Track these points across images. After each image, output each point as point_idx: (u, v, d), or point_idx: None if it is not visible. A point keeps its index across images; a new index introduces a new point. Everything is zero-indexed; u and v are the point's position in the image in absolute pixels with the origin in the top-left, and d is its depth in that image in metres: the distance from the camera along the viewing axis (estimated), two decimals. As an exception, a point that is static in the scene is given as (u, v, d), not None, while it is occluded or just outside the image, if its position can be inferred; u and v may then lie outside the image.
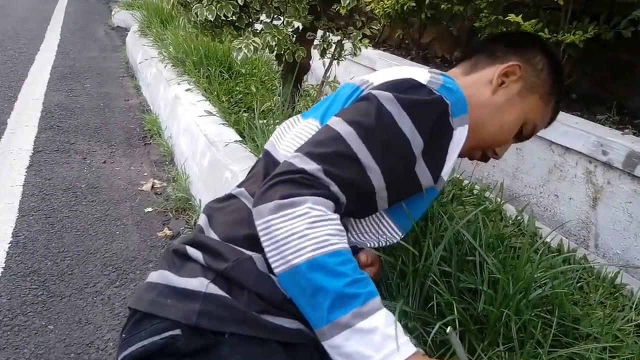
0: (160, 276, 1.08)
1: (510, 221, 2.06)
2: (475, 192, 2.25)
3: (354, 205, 1.03)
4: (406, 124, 1.02)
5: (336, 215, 0.96)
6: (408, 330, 1.35)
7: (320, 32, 2.75)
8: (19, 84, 4.67)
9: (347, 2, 2.32)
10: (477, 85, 1.24)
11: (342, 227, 0.97)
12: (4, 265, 2.22)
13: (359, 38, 2.62)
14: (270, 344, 1.02)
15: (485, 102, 1.22)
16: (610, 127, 2.45)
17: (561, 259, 1.79)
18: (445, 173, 1.12)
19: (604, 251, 2.24)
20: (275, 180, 0.97)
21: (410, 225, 1.28)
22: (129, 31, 6.54)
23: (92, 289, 2.13)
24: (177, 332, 0.99)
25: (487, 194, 2.26)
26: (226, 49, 3.60)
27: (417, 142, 1.03)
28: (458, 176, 2.36)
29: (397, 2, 3.48)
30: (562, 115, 2.49)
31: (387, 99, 1.03)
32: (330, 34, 2.71)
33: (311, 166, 0.97)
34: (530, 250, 1.72)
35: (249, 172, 1.29)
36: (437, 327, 1.27)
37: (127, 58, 5.99)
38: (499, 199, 2.16)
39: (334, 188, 0.97)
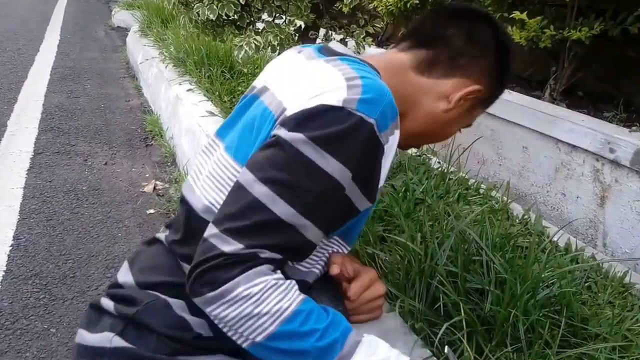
0: (78, 335, 1.10)
1: (517, 220, 2.04)
2: (481, 191, 2.23)
3: (293, 257, 0.97)
4: (330, 165, 0.89)
5: (275, 276, 0.90)
6: (415, 331, 1.33)
7: (322, 31, 2.73)
8: (18, 85, 4.65)
9: (349, 0, 2.30)
10: (431, 95, 1.13)
11: (285, 282, 0.91)
12: (5, 268, 2.20)
13: (362, 36, 2.60)
14: None
15: (435, 117, 1.14)
16: (617, 124, 2.42)
17: (569, 258, 1.77)
18: (381, 183, 1.02)
19: (613, 250, 2.21)
20: (198, 271, 0.89)
21: (356, 238, 1.25)
22: (129, 31, 6.52)
23: (94, 292, 2.11)
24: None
25: (493, 193, 2.24)
26: (227, 49, 3.58)
27: (346, 177, 0.92)
28: (464, 175, 2.33)
29: None
30: (568, 112, 2.47)
31: (303, 143, 0.89)
32: (333, 33, 2.68)
33: (232, 247, 0.87)
34: (537, 250, 1.70)
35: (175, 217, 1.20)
36: (444, 328, 1.25)
37: (127, 58, 5.98)
38: (505, 198, 2.14)
39: (265, 255, 0.89)
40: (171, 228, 1.14)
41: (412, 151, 2.60)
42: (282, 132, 0.91)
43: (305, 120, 0.91)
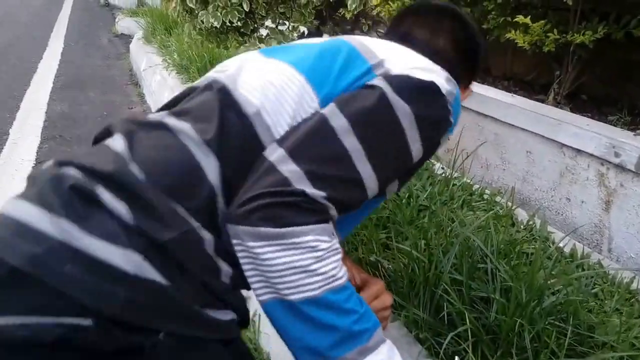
0: (49, 221, 0.75)
1: (522, 226, 2.02)
2: (485, 197, 2.21)
3: (342, 212, 0.91)
4: (416, 144, 0.93)
5: (337, 243, 0.86)
6: (419, 341, 1.32)
7: (326, 36, 2.73)
8: (21, 93, 4.66)
9: (353, 6, 2.30)
10: None
11: (341, 254, 0.86)
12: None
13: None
14: (213, 346, 0.87)
15: None
16: (622, 128, 2.40)
17: (575, 265, 1.76)
18: None
19: (618, 255, 2.20)
20: (265, 202, 0.80)
21: (348, 232, 1.23)
22: (133, 38, 6.54)
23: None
24: (88, 322, 0.73)
25: (497, 198, 2.22)
26: (231, 55, 3.57)
27: (417, 158, 0.96)
28: (468, 181, 2.32)
29: (403, 4, 3.45)
30: (572, 116, 2.46)
31: (406, 116, 0.91)
32: (336, 38, 2.68)
33: (314, 191, 0.82)
34: (542, 257, 1.68)
35: (181, 99, 1.02)
36: (449, 338, 1.24)
37: (131, 65, 5.99)
38: (509, 204, 2.12)
39: (333, 212, 0.85)
40: (188, 115, 0.91)
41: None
42: (390, 92, 0.90)
43: (416, 92, 0.92)
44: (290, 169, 0.82)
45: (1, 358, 0.73)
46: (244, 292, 0.92)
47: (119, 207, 0.77)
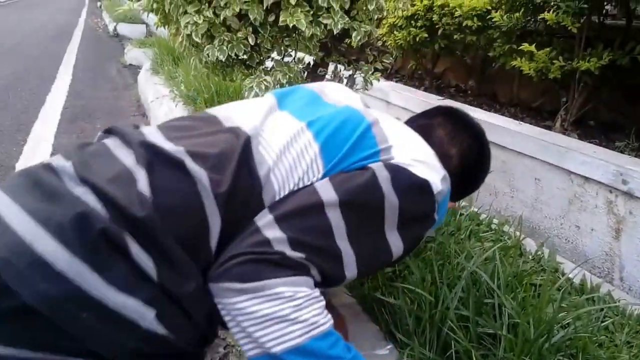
0: (69, 262, 0.75)
1: (530, 256, 2.00)
2: (493, 226, 2.19)
3: (324, 286, 0.95)
4: (394, 235, 0.99)
5: (318, 291, 0.88)
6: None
7: (331, 67, 2.74)
8: (28, 126, 4.68)
9: (358, 38, 2.30)
10: None
11: (324, 300, 0.89)
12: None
13: (370, 72, 2.60)
14: None
15: None
16: (629, 154, 2.39)
17: (585, 297, 1.73)
18: None
19: (630, 284, 2.16)
20: (244, 258, 0.84)
21: None
22: (141, 69, 6.59)
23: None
24: None
25: (505, 227, 2.20)
26: (237, 86, 3.60)
27: (398, 251, 1.02)
28: (476, 210, 2.30)
29: (409, 34, 3.47)
30: (579, 143, 2.44)
31: (391, 205, 0.96)
32: (342, 68, 2.69)
33: (292, 253, 0.86)
34: (551, 289, 1.66)
35: (192, 126, 1.00)
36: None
37: (138, 96, 6.02)
38: (517, 233, 2.10)
39: (314, 272, 0.89)
40: (208, 164, 0.90)
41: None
42: (385, 182, 0.95)
43: (408, 188, 0.97)
44: (274, 234, 0.87)
45: None
46: None
47: (146, 260, 0.79)
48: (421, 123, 1.29)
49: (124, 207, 0.80)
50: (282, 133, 0.99)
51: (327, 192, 0.92)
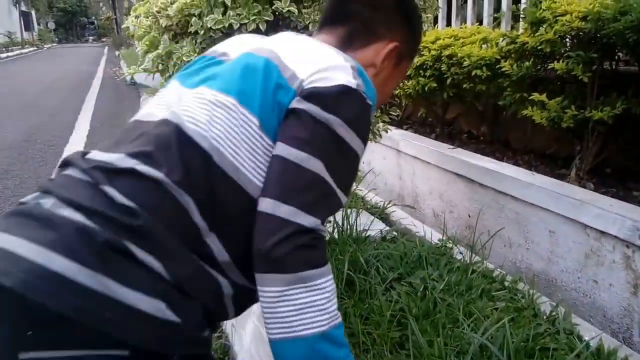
0: (88, 276, 0.85)
1: (545, 317, 1.90)
2: (506, 283, 2.11)
3: None
4: (355, 143, 1.05)
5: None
6: None
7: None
8: (46, 179, 4.72)
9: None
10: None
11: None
12: None
13: (378, 125, 2.56)
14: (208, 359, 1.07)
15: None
16: (647, 205, 2.31)
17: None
18: None
19: (651, 342, 2.06)
20: (292, 245, 0.94)
21: None
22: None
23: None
24: (125, 352, 0.88)
25: (520, 285, 2.12)
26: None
27: (361, 151, 1.09)
28: (491, 266, 2.22)
29: (418, 83, 3.44)
30: (594, 196, 2.36)
31: (339, 126, 1.02)
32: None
33: (309, 220, 0.96)
34: (566, 354, 1.57)
35: (129, 136, 1.04)
36: None
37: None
38: (531, 292, 2.02)
39: (324, 233, 1.00)
40: (155, 162, 0.96)
41: (434, 241, 2.51)
42: (317, 112, 1.01)
43: (334, 102, 1.02)
44: (284, 210, 0.95)
45: None
46: None
47: (151, 261, 0.90)
48: (325, 14, 1.32)
49: (116, 218, 0.89)
50: (201, 104, 1.04)
51: (291, 153, 0.99)
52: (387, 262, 2.16)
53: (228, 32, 2.21)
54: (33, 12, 45.91)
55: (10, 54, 26.36)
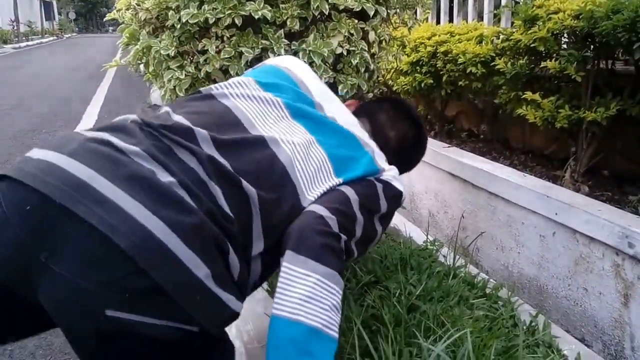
0: (196, 261, 0.96)
1: (525, 327, 1.82)
2: (488, 290, 2.03)
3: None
4: (379, 232, 1.44)
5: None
6: None
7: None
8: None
9: (345, 90, 2.22)
10: None
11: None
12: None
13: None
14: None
15: None
16: (641, 211, 2.22)
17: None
18: None
19: (642, 356, 1.97)
20: (327, 241, 1.15)
21: None
22: (164, 109, 6.61)
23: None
24: (195, 329, 0.99)
25: (502, 292, 2.04)
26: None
27: (379, 235, 1.46)
28: (470, 270, 2.15)
29: (414, 79, 3.36)
30: (584, 200, 2.27)
31: (383, 205, 1.40)
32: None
33: (341, 235, 1.21)
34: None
35: (226, 134, 1.21)
36: None
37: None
38: (512, 299, 1.94)
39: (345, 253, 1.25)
40: (251, 178, 1.15)
41: (420, 242, 2.44)
42: (381, 191, 1.39)
43: (392, 196, 1.43)
44: (328, 215, 1.20)
45: (136, 346, 0.96)
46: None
47: (236, 262, 1.06)
48: (372, 107, 1.73)
49: (219, 220, 1.03)
50: (306, 154, 1.30)
51: (350, 193, 1.30)
52: (365, 264, 2.09)
53: (205, 27, 2.16)
54: (54, 2, 46.31)
55: (30, 42, 26.59)
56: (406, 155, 1.75)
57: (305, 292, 1.08)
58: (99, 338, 0.93)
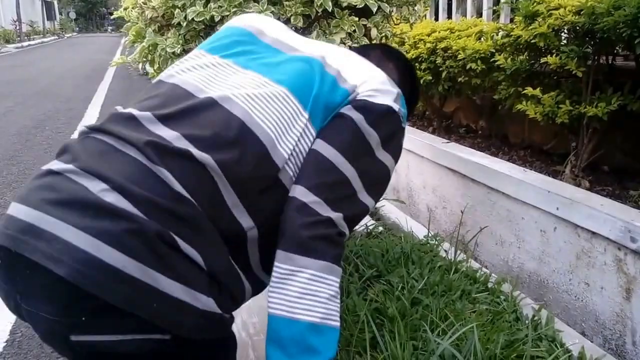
0: (138, 268, 0.91)
1: (527, 321, 1.84)
2: (490, 285, 2.04)
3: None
4: (388, 159, 1.26)
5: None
6: None
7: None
8: (51, 164, 4.76)
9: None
10: None
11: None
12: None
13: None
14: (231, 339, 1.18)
15: None
16: (642, 205, 2.23)
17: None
18: None
19: (643, 350, 1.98)
20: (316, 232, 1.08)
21: None
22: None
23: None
24: (167, 336, 0.97)
25: (504, 286, 2.05)
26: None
27: (392, 166, 1.29)
28: (471, 265, 2.16)
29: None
30: (586, 195, 2.28)
31: (377, 144, 1.21)
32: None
33: (334, 215, 1.11)
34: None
35: (171, 102, 1.12)
36: None
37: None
38: (514, 294, 1.96)
39: (347, 231, 1.16)
40: (204, 143, 1.05)
41: (420, 236, 2.45)
42: (362, 123, 1.18)
43: (379, 118, 1.20)
44: (311, 199, 1.10)
45: None
46: None
47: (194, 253, 0.97)
48: (362, 48, 1.61)
49: (167, 207, 0.95)
50: (252, 91, 1.15)
51: (329, 152, 1.15)
52: (367, 259, 2.11)
53: (211, 25, 2.18)
54: (55, 2, 46.32)
55: (32, 42, 26.67)
56: (409, 89, 1.51)
57: (300, 289, 1.06)
58: (83, 358, 0.97)
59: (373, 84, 1.23)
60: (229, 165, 1.03)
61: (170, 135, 1.04)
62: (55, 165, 1.01)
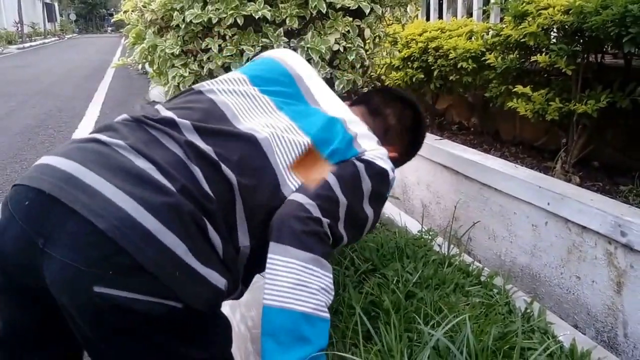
0: (172, 238, 1.02)
1: (520, 314, 1.88)
2: (482, 278, 2.09)
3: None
4: (370, 211, 1.40)
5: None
6: None
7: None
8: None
9: (341, 86, 2.28)
10: None
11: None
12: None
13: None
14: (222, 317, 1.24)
15: None
16: (633, 199, 2.27)
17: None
18: None
19: (634, 342, 2.02)
20: (309, 227, 1.18)
21: None
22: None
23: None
24: (180, 305, 1.04)
25: (497, 280, 2.10)
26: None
27: (370, 215, 1.41)
28: (464, 259, 2.20)
29: (405, 74, 3.43)
30: (576, 190, 2.33)
31: (367, 186, 1.37)
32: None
33: (324, 220, 1.23)
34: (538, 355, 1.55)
35: (207, 122, 1.26)
36: None
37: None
38: (507, 287, 2.00)
39: (329, 240, 1.26)
40: (231, 165, 1.18)
41: (414, 231, 2.50)
42: (362, 170, 1.37)
43: (376, 174, 1.40)
44: (307, 202, 1.22)
45: (121, 319, 1.01)
46: None
47: (217, 239, 1.10)
48: (365, 95, 1.80)
49: (196, 198, 1.08)
50: (288, 144, 1.31)
51: (330, 178, 1.31)
52: (363, 253, 2.15)
53: (208, 26, 2.23)
54: (56, 4, 46.30)
55: (33, 43, 26.76)
56: (411, 134, 1.77)
57: (292, 280, 1.13)
58: (92, 313, 1.01)
59: (377, 153, 1.44)
60: (249, 190, 1.18)
61: (204, 146, 1.17)
62: (102, 137, 1.13)
